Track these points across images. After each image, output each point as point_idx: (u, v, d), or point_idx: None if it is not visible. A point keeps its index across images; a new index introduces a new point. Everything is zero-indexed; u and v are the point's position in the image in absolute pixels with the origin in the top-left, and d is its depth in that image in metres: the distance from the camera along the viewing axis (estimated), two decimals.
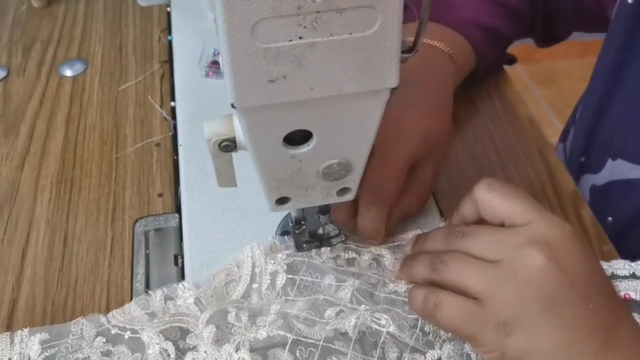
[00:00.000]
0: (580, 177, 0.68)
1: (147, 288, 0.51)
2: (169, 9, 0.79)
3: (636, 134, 0.59)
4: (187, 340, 0.45)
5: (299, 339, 0.43)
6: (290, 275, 0.48)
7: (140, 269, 0.52)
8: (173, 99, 0.67)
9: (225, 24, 0.30)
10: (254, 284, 0.48)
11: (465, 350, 0.44)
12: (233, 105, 0.34)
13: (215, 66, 0.67)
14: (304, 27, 0.31)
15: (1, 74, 0.72)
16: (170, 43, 0.74)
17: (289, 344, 0.43)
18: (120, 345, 0.45)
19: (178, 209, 0.57)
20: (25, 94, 0.69)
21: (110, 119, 0.66)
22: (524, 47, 0.80)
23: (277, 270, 0.48)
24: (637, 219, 0.60)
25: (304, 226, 0.49)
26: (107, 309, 0.49)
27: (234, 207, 0.55)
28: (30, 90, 0.70)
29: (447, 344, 0.44)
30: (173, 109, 0.66)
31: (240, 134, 0.39)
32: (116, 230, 0.56)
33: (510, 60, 0.71)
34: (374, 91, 0.35)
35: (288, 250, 0.49)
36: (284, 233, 0.52)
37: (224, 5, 0.29)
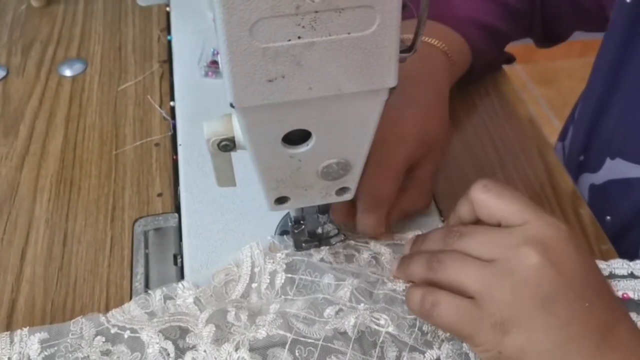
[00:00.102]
0: (579, 176, 0.68)
1: (147, 287, 0.51)
2: (168, 9, 0.79)
3: (635, 133, 0.60)
4: (187, 340, 0.45)
5: (298, 338, 0.43)
6: (289, 275, 0.48)
7: (139, 269, 0.52)
8: (172, 99, 0.67)
9: (224, 24, 0.30)
10: (253, 284, 0.49)
11: (464, 350, 0.44)
12: (232, 105, 0.34)
13: (214, 66, 0.67)
14: (303, 27, 0.31)
15: (0, 73, 0.72)
16: (169, 43, 0.74)
17: (289, 344, 0.43)
18: (119, 345, 0.45)
19: (177, 209, 0.57)
20: (25, 94, 0.69)
21: (110, 118, 0.66)
22: (523, 47, 0.80)
23: (276, 269, 0.48)
24: (636, 218, 0.60)
25: (303, 226, 0.49)
26: (107, 308, 0.49)
27: (233, 207, 0.55)
28: (29, 90, 0.70)
29: (446, 343, 0.44)
30: (172, 109, 0.66)
31: (239, 133, 0.39)
32: (115, 230, 0.56)
33: (509, 60, 0.71)
34: (373, 91, 0.35)
35: (287, 250, 0.49)
36: (283, 232, 0.52)
37: (222, 5, 0.30)
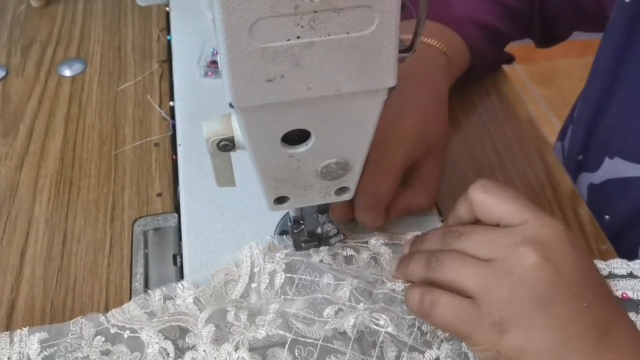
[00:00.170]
0: (578, 176, 0.68)
1: (146, 287, 0.51)
2: (167, 9, 0.79)
3: (634, 133, 0.60)
4: (187, 340, 0.45)
5: (297, 338, 0.43)
6: (289, 275, 0.48)
7: (139, 269, 0.52)
8: (172, 99, 0.67)
9: (224, 24, 0.30)
10: (252, 284, 0.49)
11: (463, 350, 0.44)
12: (231, 105, 0.34)
13: (214, 66, 0.67)
14: (302, 27, 0.31)
15: (0, 74, 0.72)
16: (169, 43, 0.74)
17: (288, 343, 0.43)
18: (119, 345, 0.45)
19: (177, 209, 0.57)
20: (24, 94, 0.69)
21: (110, 118, 0.66)
22: (523, 47, 0.80)
23: (276, 269, 0.48)
24: (635, 218, 0.60)
25: (303, 225, 0.49)
26: (106, 308, 0.49)
27: (233, 207, 0.55)
28: (29, 90, 0.70)
29: (445, 343, 0.44)
30: (172, 109, 0.66)
31: (238, 133, 0.39)
32: (115, 230, 0.56)
33: (509, 60, 0.71)
34: (372, 91, 0.35)
35: (287, 250, 0.49)
36: (283, 232, 0.52)
37: (222, 5, 0.30)
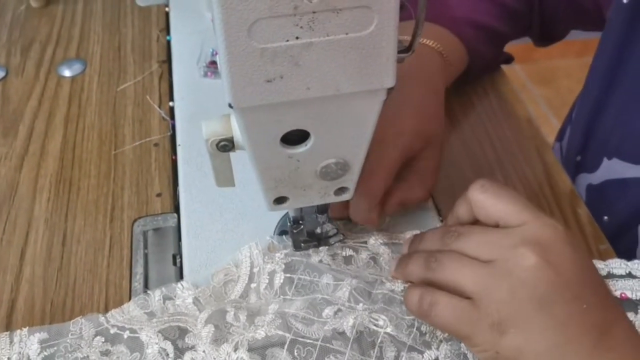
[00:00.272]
0: (577, 177, 0.68)
1: (146, 288, 0.51)
2: (167, 9, 0.79)
3: (632, 133, 0.60)
4: (186, 340, 0.45)
5: (297, 338, 0.43)
6: (288, 275, 0.48)
7: (138, 269, 0.52)
8: (171, 99, 0.67)
9: (223, 24, 0.30)
10: (252, 284, 0.49)
11: (462, 350, 0.44)
12: (230, 105, 0.34)
13: (213, 66, 0.67)
14: (301, 27, 0.31)
15: (0, 74, 0.72)
16: (168, 43, 0.74)
17: (287, 344, 0.43)
18: (119, 345, 0.45)
19: (176, 209, 0.57)
20: (24, 94, 0.70)
21: (109, 119, 0.66)
22: (522, 47, 0.80)
23: (275, 269, 0.48)
24: (633, 218, 0.60)
25: (302, 226, 0.49)
26: (106, 308, 0.49)
27: (232, 207, 0.55)
28: (29, 91, 0.70)
29: (444, 344, 0.44)
30: (171, 109, 0.66)
31: (238, 133, 0.39)
32: (115, 230, 0.56)
33: (508, 60, 0.71)
34: (371, 91, 0.35)
35: (286, 250, 0.50)
36: (282, 232, 0.52)
37: (221, 5, 0.30)
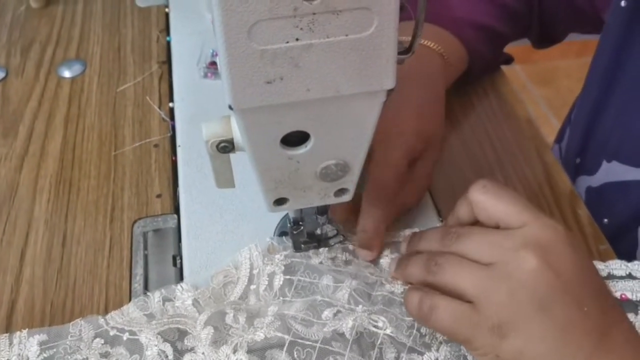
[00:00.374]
0: (576, 179, 0.68)
1: (146, 289, 0.51)
2: (167, 10, 0.79)
3: (631, 136, 0.59)
4: (185, 342, 0.45)
5: (296, 340, 0.43)
6: (287, 276, 0.48)
7: (138, 270, 0.52)
8: (171, 100, 0.67)
9: (223, 26, 0.30)
10: (251, 285, 0.49)
11: (462, 352, 0.44)
12: (230, 107, 0.34)
13: (213, 67, 0.67)
14: (301, 29, 0.31)
15: (0, 74, 0.72)
16: (168, 44, 0.74)
17: (287, 345, 0.43)
18: (118, 347, 0.45)
19: (176, 210, 0.57)
20: (24, 95, 0.69)
21: (109, 119, 0.66)
22: (522, 47, 0.80)
23: (275, 271, 0.48)
24: (633, 221, 0.60)
25: (302, 227, 0.49)
26: (106, 310, 0.49)
27: (232, 208, 0.55)
28: (28, 91, 0.70)
29: (444, 345, 0.44)
30: (171, 110, 0.66)
31: (238, 135, 0.39)
32: (115, 231, 0.56)
33: (508, 60, 0.71)
34: (371, 92, 0.35)
35: (286, 251, 0.49)
36: (282, 234, 0.52)
37: (221, 7, 0.30)
